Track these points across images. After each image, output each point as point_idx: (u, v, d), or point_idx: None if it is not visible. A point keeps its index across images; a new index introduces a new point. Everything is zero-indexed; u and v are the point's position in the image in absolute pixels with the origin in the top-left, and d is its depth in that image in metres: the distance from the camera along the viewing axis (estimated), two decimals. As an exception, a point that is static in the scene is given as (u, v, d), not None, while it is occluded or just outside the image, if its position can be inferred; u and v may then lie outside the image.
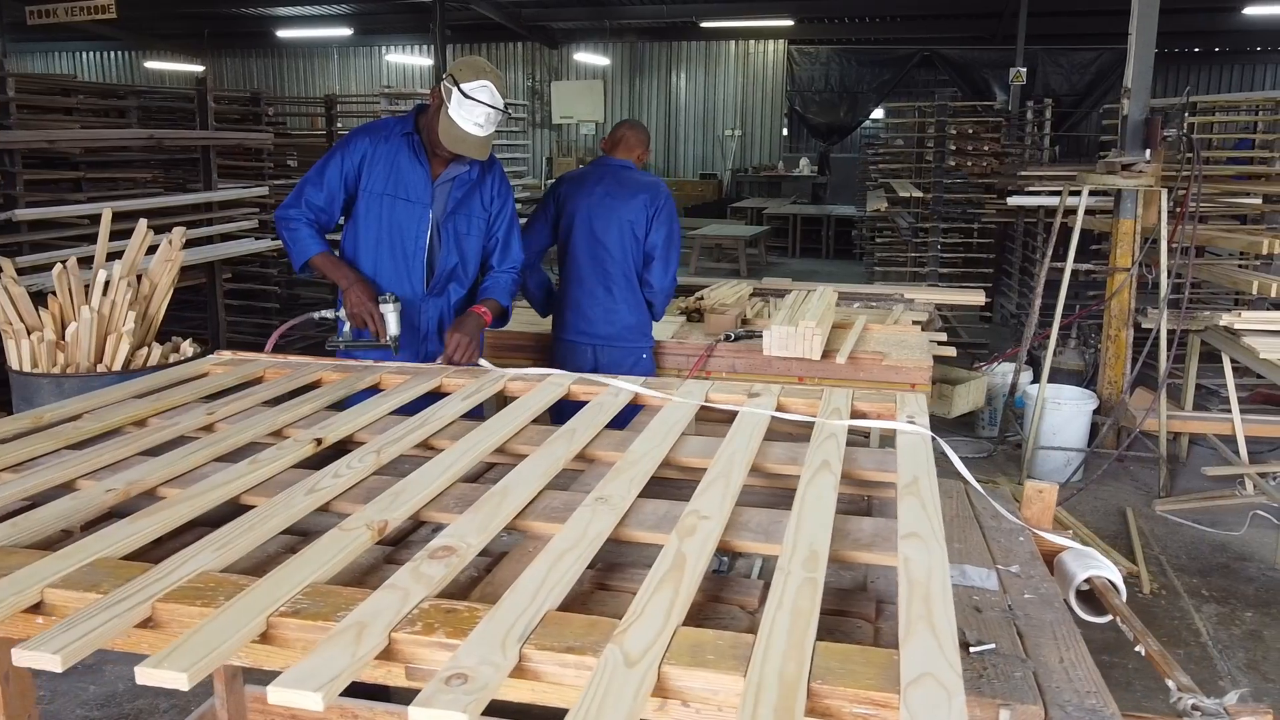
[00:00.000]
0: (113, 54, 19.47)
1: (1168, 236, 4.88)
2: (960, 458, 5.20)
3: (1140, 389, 5.13)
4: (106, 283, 3.21)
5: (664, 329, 4.01)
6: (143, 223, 3.31)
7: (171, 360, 3.40)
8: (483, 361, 2.70)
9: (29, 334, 3.13)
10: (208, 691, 2.54)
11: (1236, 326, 4.43)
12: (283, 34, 17.22)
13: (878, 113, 18.32)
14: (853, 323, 3.97)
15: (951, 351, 4.11)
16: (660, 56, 17.64)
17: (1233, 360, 4.59)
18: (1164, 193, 4.73)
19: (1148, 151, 5.00)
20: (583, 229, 3.46)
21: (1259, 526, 4.29)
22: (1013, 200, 6.91)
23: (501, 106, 2.80)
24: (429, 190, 2.92)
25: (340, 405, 2.29)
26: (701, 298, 4.32)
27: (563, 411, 2.27)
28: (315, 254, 2.90)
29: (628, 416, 2.26)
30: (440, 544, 1.46)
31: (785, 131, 18.16)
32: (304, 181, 2.95)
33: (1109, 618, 1.94)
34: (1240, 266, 5.49)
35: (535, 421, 2.16)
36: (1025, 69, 12.18)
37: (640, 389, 2.34)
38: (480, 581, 1.47)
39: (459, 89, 2.74)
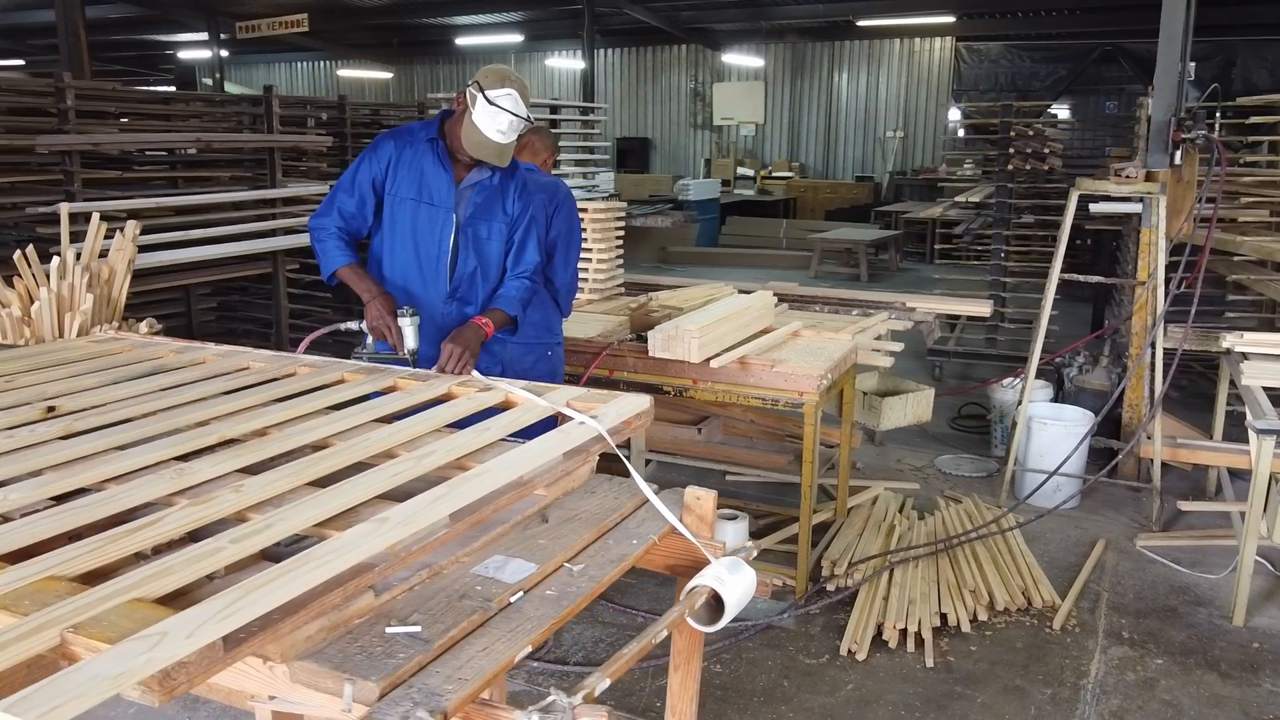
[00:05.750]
0: (320, 63, 21.35)
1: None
2: (960, 476, 4.97)
3: (1163, 414, 4.71)
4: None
5: (591, 327, 4.11)
6: (95, 216, 3.76)
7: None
8: (475, 373, 2.64)
9: (2, 309, 3.65)
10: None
11: (1238, 349, 4.00)
12: (460, 41, 18.29)
13: (1063, 113, 17.27)
14: (776, 327, 3.92)
15: (885, 361, 3.96)
16: (821, 56, 17.37)
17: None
18: (1160, 200, 4.31)
19: (1178, 154, 4.60)
20: None
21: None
22: (1095, 207, 6.45)
23: (524, 115, 2.82)
24: (452, 195, 2.96)
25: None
26: (651, 298, 4.37)
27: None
28: (341, 266, 2.95)
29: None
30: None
31: (961, 133, 17.41)
32: (335, 189, 3.02)
33: (717, 626, 1.93)
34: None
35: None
36: (1195, 63, 11.13)
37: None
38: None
39: (484, 95, 2.76)
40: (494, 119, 2.77)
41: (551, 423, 2.27)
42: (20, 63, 21.08)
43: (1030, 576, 3.72)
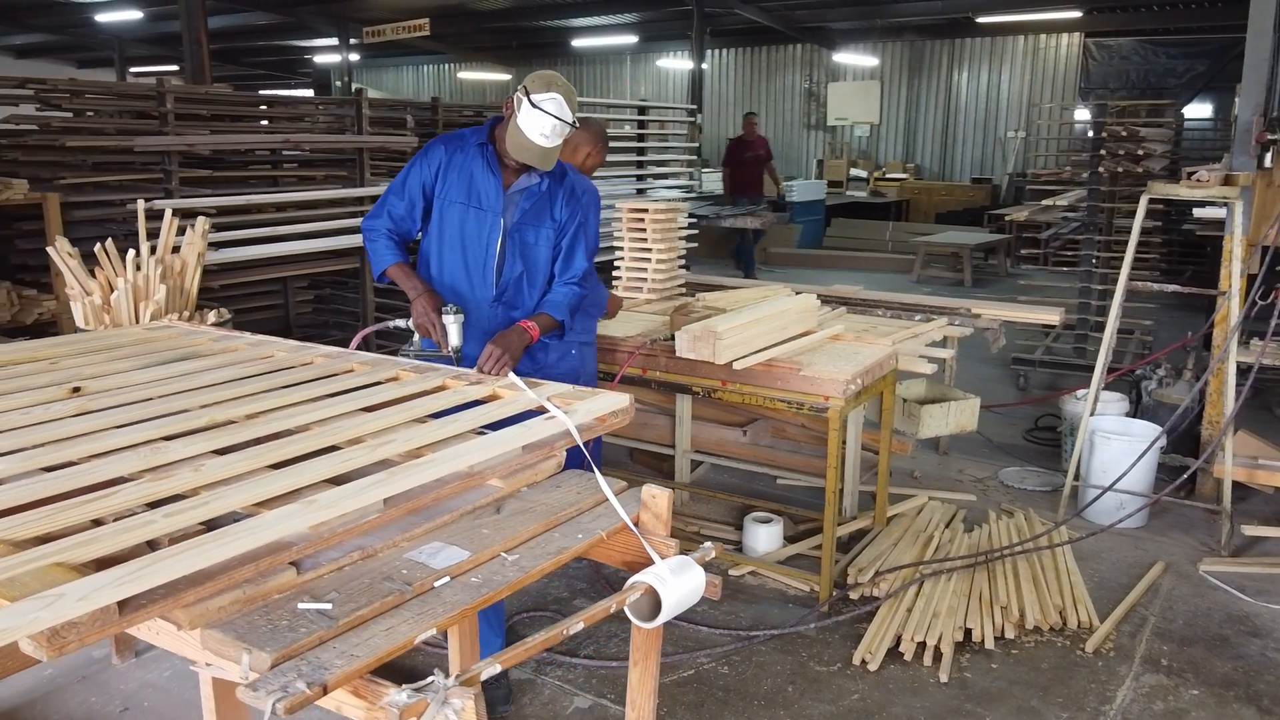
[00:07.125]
0: (444, 66, 22.06)
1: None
2: (1022, 490, 4.82)
3: (1243, 431, 4.43)
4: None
5: (633, 326, 4.15)
6: (168, 213, 4.02)
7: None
8: (513, 376, 2.63)
9: (86, 297, 3.96)
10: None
11: (1317, 365, 3.74)
12: (576, 43, 18.60)
13: (1203, 110, 16.30)
14: (817, 330, 3.88)
15: (928, 368, 3.86)
16: (940, 55, 16.91)
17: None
18: (1238, 205, 4.04)
19: (1267, 156, 4.33)
20: None
21: (1316, 603, 3.61)
22: (1199, 212, 6.13)
23: (569, 120, 2.85)
24: (500, 199, 3.02)
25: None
26: (698, 298, 4.38)
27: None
28: (390, 265, 3.06)
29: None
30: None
31: (1090, 133, 16.66)
32: (388, 192, 3.13)
33: (655, 623, 1.95)
34: None
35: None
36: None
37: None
38: None
39: (529, 99, 2.80)
40: (538, 123, 2.80)
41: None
42: (175, 68, 22.55)
43: (1071, 595, 3.57)
